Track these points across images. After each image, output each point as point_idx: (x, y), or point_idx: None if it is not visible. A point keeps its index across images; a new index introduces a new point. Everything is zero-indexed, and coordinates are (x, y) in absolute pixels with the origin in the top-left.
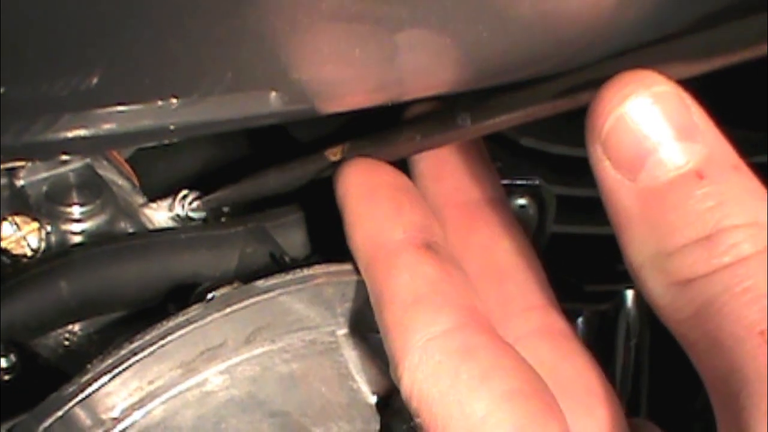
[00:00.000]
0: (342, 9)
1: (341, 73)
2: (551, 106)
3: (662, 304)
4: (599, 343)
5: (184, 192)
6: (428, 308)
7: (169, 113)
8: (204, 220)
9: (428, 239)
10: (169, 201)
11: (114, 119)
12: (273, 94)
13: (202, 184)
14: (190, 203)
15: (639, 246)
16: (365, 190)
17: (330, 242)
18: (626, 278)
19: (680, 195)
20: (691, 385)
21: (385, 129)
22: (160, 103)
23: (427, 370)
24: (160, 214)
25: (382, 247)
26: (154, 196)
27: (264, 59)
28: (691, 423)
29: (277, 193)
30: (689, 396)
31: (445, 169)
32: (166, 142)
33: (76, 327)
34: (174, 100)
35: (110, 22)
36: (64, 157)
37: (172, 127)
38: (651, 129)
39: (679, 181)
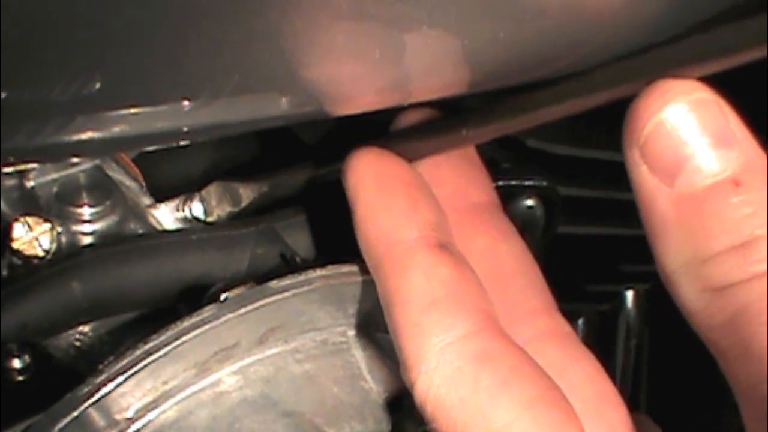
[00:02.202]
0: (355, 10)
1: (353, 75)
2: (560, 109)
3: (695, 310)
4: (599, 344)
5: (192, 194)
6: (445, 312)
7: (181, 115)
8: (211, 221)
9: (442, 239)
10: (176, 202)
11: (126, 121)
12: (283, 96)
13: (208, 184)
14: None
15: (673, 251)
16: (379, 183)
17: (340, 242)
18: (626, 279)
19: (717, 202)
20: (689, 386)
21: (393, 132)
22: (171, 105)
23: (444, 375)
24: (167, 215)
25: (395, 245)
26: (161, 197)
27: (273, 61)
28: (690, 423)
29: (288, 194)
30: (688, 396)
31: (442, 174)
32: (180, 144)
33: (87, 328)
34: (186, 102)
35: (119, 25)
36: (74, 159)
37: (185, 129)
38: (689, 135)
39: (715, 188)
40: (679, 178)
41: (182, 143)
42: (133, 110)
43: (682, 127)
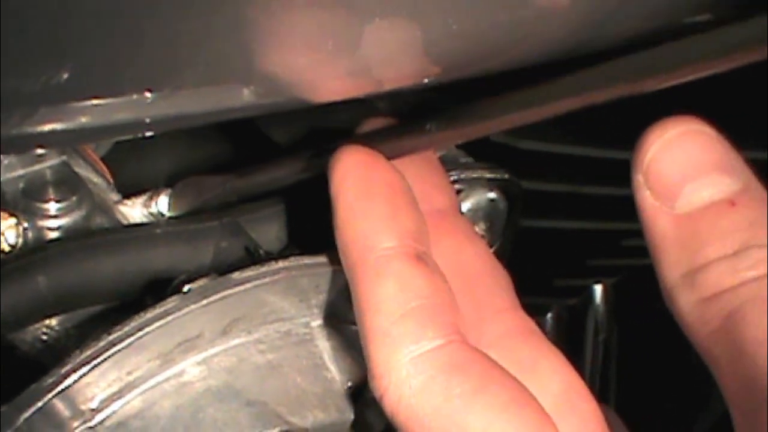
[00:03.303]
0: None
1: (310, 65)
2: (521, 116)
3: (690, 320)
4: (568, 338)
5: (159, 189)
6: (416, 323)
7: (144, 106)
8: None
9: (420, 250)
10: (143, 198)
11: (90, 113)
12: (246, 87)
13: (175, 181)
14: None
15: (672, 267)
16: (363, 187)
17: (303, 235)
18: (594, 273)
19: (712, 218)
20: (658, 380)
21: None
22: (134, 96)
23: (416, 386)
24: (134, 211)
25: (372, 250)
26: (128, 194)
27: (236, 52)
28: (657, 417)
29: (257, 191)
30: (656, 391)
31: (407, 179)
32: (144, 135)
33: (54, 321)
34: (148, 94)
35: (81, 16)
36: (40, 152)
37: (147, 120)
38: (688, 162)
39: (712, 206)
40: (678, 201)
41: (146, 134)
42: (96, 101)
43: (681, 155)
